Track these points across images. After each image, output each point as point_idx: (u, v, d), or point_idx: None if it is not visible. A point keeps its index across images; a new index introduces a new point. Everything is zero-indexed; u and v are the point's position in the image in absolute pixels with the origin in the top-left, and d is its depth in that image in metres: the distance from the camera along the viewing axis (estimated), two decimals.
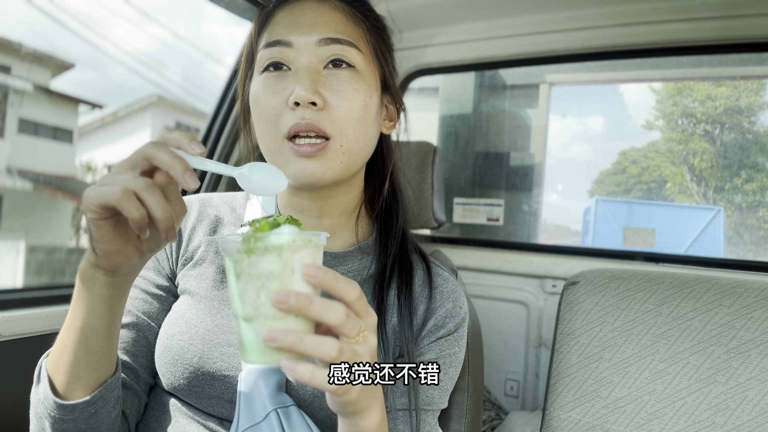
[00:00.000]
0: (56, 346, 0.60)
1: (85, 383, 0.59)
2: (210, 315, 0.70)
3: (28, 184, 12.46)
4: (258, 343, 0.45)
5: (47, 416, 0.59)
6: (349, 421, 0.53)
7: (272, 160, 0.69)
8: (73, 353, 0.58)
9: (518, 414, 1.50)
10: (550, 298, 1.62)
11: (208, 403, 0.68)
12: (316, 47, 0.67)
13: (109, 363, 0.61)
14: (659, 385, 0.97)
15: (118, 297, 0.57)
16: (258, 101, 0.68)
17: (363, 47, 0.70)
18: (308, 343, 0.43)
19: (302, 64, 0.66)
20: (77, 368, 0.58)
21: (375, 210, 0.80)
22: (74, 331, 0.57)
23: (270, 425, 0.61)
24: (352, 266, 0.75)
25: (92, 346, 0.58)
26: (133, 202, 0.47)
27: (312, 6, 0.69)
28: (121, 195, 0.47)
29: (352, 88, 0.67)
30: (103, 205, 0.48)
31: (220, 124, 1.43)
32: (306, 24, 0.67)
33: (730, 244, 2.08)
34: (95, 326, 0.57)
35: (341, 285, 0.46)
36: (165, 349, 0.69)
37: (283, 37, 0.67)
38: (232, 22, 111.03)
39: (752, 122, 2.03)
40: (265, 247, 0.45)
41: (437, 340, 0.72)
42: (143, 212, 0.47)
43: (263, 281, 0.45)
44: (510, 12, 1.51)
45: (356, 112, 0.67)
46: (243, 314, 0.46)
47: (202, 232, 0.77)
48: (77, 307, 0.57)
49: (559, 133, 2.31)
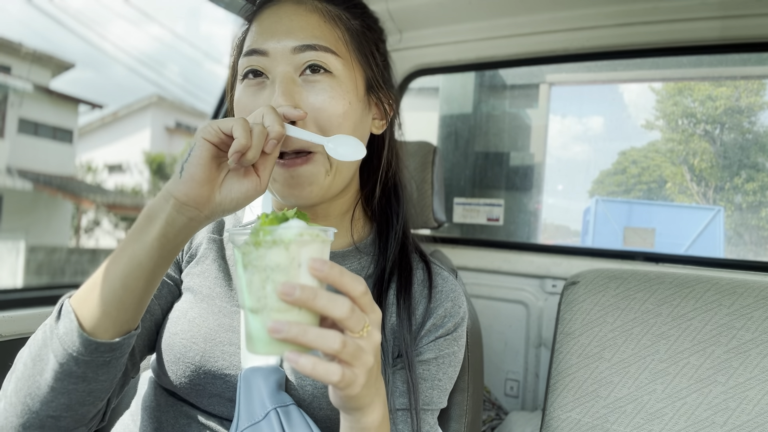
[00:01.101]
0: (87, 284, 0.57)
1: (111, 324, 0.56)
2: (212, 314, 0.70)
3: (28, 184, 12.46)
4: (263, 334, 0.46)
5: (61, 353, 0.55)
6: (351, 417, 0.53)
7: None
8: (111, 287, 0.55)
9: (518, 414, 1.50)
10: (550, 298, 1.62)
11: (208, 402, 0.68)
12: (291, 55, 0.65)
13: (138, 311, 0.58)
14: (659, 385, 0.97)
15: (172, 242, 0.56)
16: (239, 108, 0.68)
17: (342, 51, 0.68)
18: (312, 335, 0.44)
19: (278, 74, 0.65)
20: (109, 305, 0.55)
21: (371, 210, 0.80)
22: (118, 264, 0.55)
23: (270, 424, 0.61)
24: (351, 267, 0.75)
25: (131, 284, 0.55)
26: (247, 132, 0.53)
27: (288, 10, 0.68)
28: (241, 122, 0.53)
29: (329, 94, 0.65)
30: (221, 128, 0.54)
31: None
32: (281, 31, 0.66)
33: (730, 244, 2.08)
34: (142, 261, 0.55)
35: (347, 280, 0.46)
36: (167, 348, 0.69)
37: (259, 45, 0.66)
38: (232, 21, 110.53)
39: (752, 122, 2.03)
40: (273, 240, 0.46)
41: (436, 340, 0.72)
42: (249, 142, 0.53)
43: (269, 273, 0.46)
44: (510, 12, 1.51)
45: (336, 120, 0.66)
46: (249, 305, 0.47)
47: (205, 230, 0.78)
48: (130, 240, 0.55)
49: (559, 133, 2.31)
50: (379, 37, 0.77)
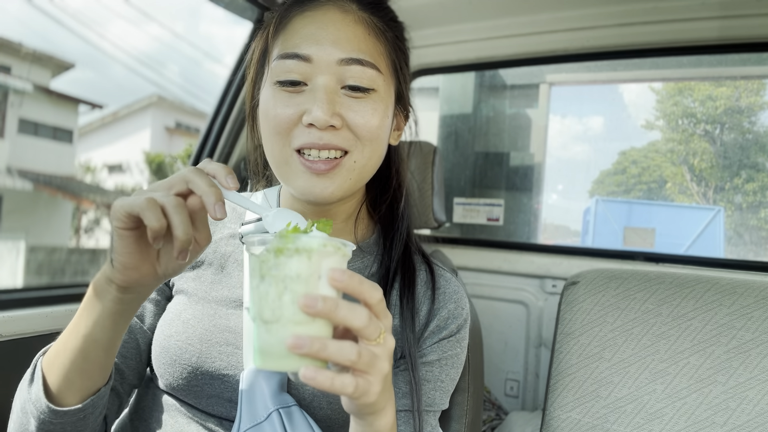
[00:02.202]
0: (55, 347, 0.61)
1: (78, 389, 0.60)
2: (207, 315, 0.70)
3: (28, 184, 12.46)
4: (278, 348, 0.44)
5: (35, 416, 0.60)
6: (363, 422, 0.52)
7: (279, 169, 0.68)
8: (71, 358, 0.58)
9: (518, 414, 1.50)
10: (550, 298, 1.62)
11: (207, 403, 0.68)
12: (337, 66, 0.63)
13: (103, 373, 0.61)
14: (659, 385, 0.97)
15: (125, 314, 0.58)
16: (268, 112, 0.66)
17: (382, 66, 0.67)
18: (332, 348, 0.43)
19: (320, 84, 0.63)
20: (72, 373, 0.59)
21: (378, 212, 0.80)
22: (75, 338, 0.58)
23: (272, 425, 0.61)
24: (354, 266, 0.75)
25: (90, 355, 0.58)
26: (156, 213, 0.49)
27: (334, 17, 0.65)
28: (147, 204, 0.49)
29: (371, 109, 0.65)
30: (129, 213, 0.49)
31: (220, 124, 1.43)
32: (327, 39, 0.64)
33: (730, 244, 2.08)
34: (97, 337, 0.57)
35: (366, 288, 0.46)
36: (162, 350, 0.69)
37: (302, 50, 0.63)
38: (231, 21, 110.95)
39: (752, 122, 2.03)
40: (296, 248, 0.45)
41: (440, 341, 0.72)
42: (163, 223, 0.49)
43: (288, 284, 0.45)
44: (510, 12, 1.51)
45: (374, 132, 0.66)
46: (263, 317, 0.45)
47: None
48: (83, 315, 0.58)
49: (559, 133, 2.31)
50: (408, 48, 0.77)
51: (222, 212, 0.50)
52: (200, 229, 0.53)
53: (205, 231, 0.54)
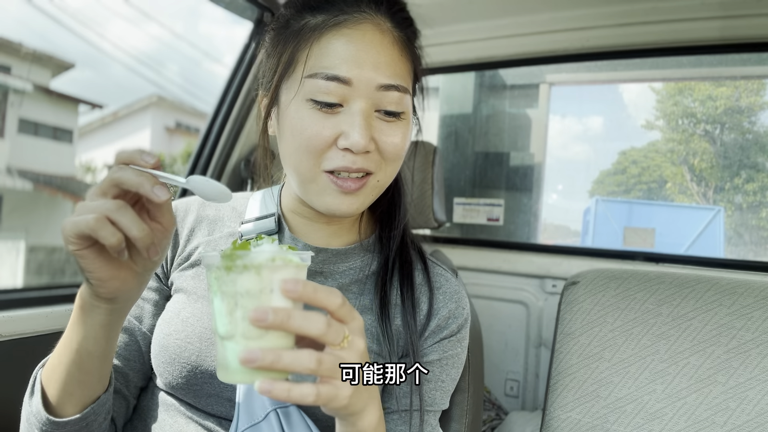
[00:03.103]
0: (51, 360, 0.61)
1: (77, 399, 0.60)
2: (206, 314, 0.70)
3: (28, 184, 12.46)
4: (235, 363, 0.44)
5: (38, 428, 0.60)
6: (345, 422, 0.53)
7: (304, 186, 0.67)
8: (67, 371, 0.58)
9: (518, 414, 1.50)
10: (550, 298, 1.62)
11: (206, 402, 0.68)
12: (375, 91, 0.63)
13: (102, 381, 0.62)
14: (659, 385, 0.97)
15: (116, 322, 0.58)
16: (302, 130, 0.63)
17: (410, 86, 0.69)
18: (287, 359, 0.43)
19: (359, 108, 0.63)
20: (69, 385, 0.59)
21: (378, 209, 0.80)
22: (69, 352, 0.58)
23: (269, 425, 0.62)
24: (354, 263, 0.75)
25: (86, 366, 0.58)
26: (107, 228, 0.47)
27: (374, 38, 0.64)
28: (95, 222, 0.47)
29: (401, 133, 0.66)
30: (80, 235, 0.48)
31: (220, 124, 1.43)
32: (368, 62, 0.63)
33: (730, 244, 2.08)
34: (91, 349, 0.57)
35: (322, 295, 0.46)
36: (162, 349, 0.69)
37: (342, 73, 0.62)
38: (231, 21, 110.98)
39: (752, 122, 2.03)
40: (244, 265, 0.45)
41: (440, 341, 0.72)
42: (119, 236, 0.47)
43: (239, 299, 0.45)
44: (510, 12, 1.51)
45: (400, 154, 0.68)
46: (221, 332, 0.46)
47: (201, 233, 0.77)
48: (74, 329, 0.57)
49: (559, 133, 2.31)
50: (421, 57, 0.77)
51: (164, 192, 0.48)
52: (159, 216, 0.52)
53: (166, 217, 0.52)
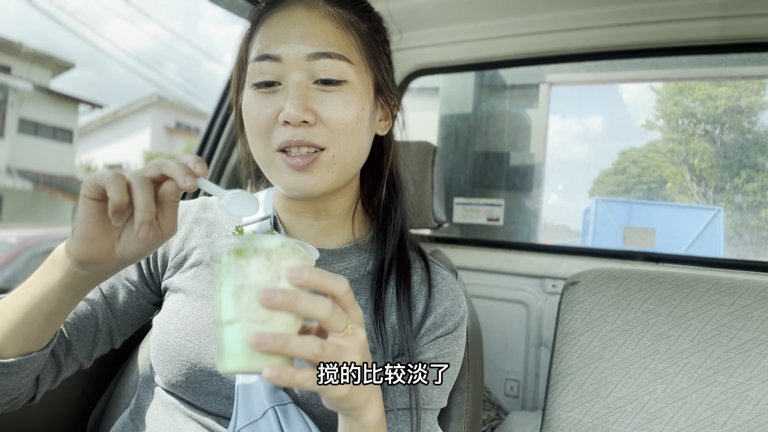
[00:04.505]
0: (4, 299, 0.61)
1: (10, 345, 0.60)
2: (206, 312, 0.71)
3: (28, 184, 12.47)
4: (241, 348, 0.45)
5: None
6: (348, 417, 0.53)
7: (266, 170, 0.69)
8: (12, 315, 0.59)
9: (518, 414, 1.50)
10: (550, 298, 1.62)
11: (205, 400, 0.68)
12: (306, 62, 0.64)
13: (40, 340, 0.61)
14: (659, 385, 0.97)
15: (75, 289, 0.58)
16: (248, 115, 0.68)
17: (354, 57, 0.68)
18: (294, 343, 0.44)
19: (292, 81, 0.64)
20: (8, 329, 0.59)
21: (372, 207, 0.80)
22: (22, 298, 0.59)
23: (268, 423, 0.62)
24: (350, 263, 0.75)
25: (30, 318, 0.59)
26: (119, 187, 0.50)
27: (301, 15, 0.67)
28: (113, 178, 0.50)
29: (343, 101, 0.66)
30: (96, 183, 0.51)
31: (220, 124, 1.43)
32: (294, 36, 0.65)
33: (730, 244, 2.08)
34: (41, 304, 0.58)
35: (329, 281, 0.46)
36: (161, 347, 0.70)
37: (271, 50, 0.65)
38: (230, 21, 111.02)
39: (752, 122, 2.03)
40: (255, 249, 0.46)
41: (436, 339, 0.72)
42: (124, 198, 0.50)
43: (247, 282, 0.45)
44: (510, 12, 1.51)
45: (349, 125, 0.66)
46: (227, 318, 0.46)
47: (199, 234, 0.78)
48: (36, 279, 0.59)
49: (559, 133, 2.32)
50: (385, 39, 0.77)
51: (192, 181, 0.51)
52: (167, 215, 0.55)
53: (170, 219, 0.55)
